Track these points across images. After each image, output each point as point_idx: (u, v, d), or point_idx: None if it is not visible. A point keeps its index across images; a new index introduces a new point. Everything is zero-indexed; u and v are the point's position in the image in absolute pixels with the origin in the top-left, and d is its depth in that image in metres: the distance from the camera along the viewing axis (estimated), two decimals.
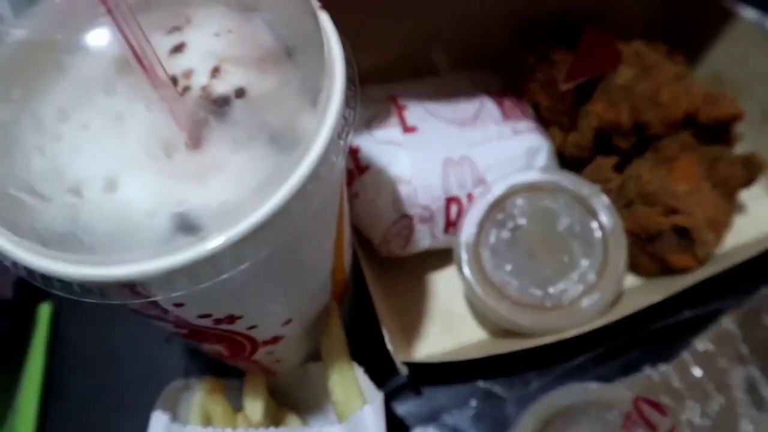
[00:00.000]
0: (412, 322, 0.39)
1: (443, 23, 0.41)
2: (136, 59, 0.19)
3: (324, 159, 0.23)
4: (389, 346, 0.32)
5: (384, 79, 0.41)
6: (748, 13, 0.43)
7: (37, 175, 0.19)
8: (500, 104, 0.40)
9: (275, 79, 0.24)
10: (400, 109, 0.38)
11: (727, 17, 0.41)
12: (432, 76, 0.43)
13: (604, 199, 0.36)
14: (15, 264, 0.22)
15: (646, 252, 0.37)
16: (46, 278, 0.21)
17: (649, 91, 0.37)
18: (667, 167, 0.37)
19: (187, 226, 0.21)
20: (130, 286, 0.22)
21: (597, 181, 0.38)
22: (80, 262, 0.21)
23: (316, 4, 0.25)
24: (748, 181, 0.38)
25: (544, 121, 0.41)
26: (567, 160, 0.41)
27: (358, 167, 0.37)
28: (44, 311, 0.42)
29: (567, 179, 0.37)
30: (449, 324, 0.39)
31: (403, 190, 0.36)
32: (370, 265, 0.37)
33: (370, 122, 0.38)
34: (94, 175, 0.19)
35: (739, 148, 0.41)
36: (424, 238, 0.38)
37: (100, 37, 0.20)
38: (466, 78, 0.42)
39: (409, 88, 0.40)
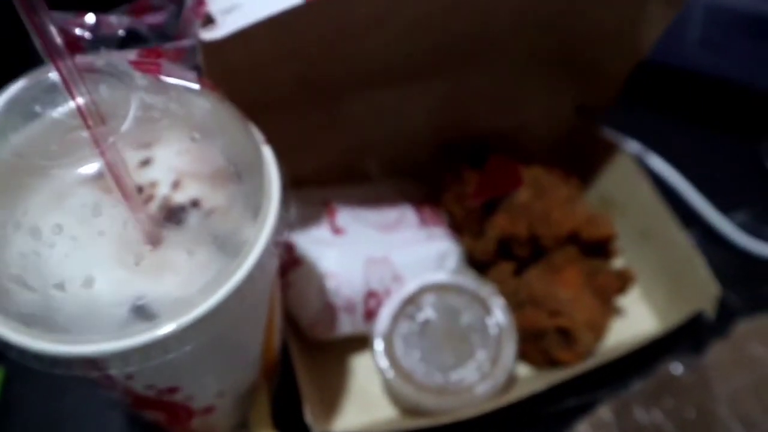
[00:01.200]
0: (332, 398, 0.45)
1: (376, 138, 0.48)
2: (119, 187, 0.25)
3: (258, 265, 0.29)
4: (308, 419, 0.38)
5: (321, 180, 0.48)
6: (631, 146, 0.52)
7: (31, 272, 0.24)
8: (419, 212, 0.47)
9: (224, 194, 0.29)
10: (331, 213, 0.45)
11: (612, 149, 0.50)
12: (363, 182, 0.50)
13: (500, 301, 0.43)
14: None
15: (535, 347, 0.44)
16: (22, 352, 0.27)
17: (543, 211, 0.45)
18: (555, 275, 0.44)
19: (144, 315, 0.27)
20: (92, 362, 0.27)
21: (497, 282, 0.45)
22: (53, 341, 0.26)
23: (260, 139, 0.32)
24: (621, 290, 0.45)
25: (457, 228, 0.48)
26: (475, 262, 0.48)
27: (292, 260, 0.43)
28: None
29: (470, 282, 0.44)
30: (365, 402, 0.44)
31: (329, 284, 0.42)
32: (298, 346, 0.42)
33: (305, 222, 0.44)
34: (77, 275, 0.25)
35: (620, 261, 0.49)
36: (346, 326, 0.44)
37: (91, 168, 0.26)
38: (392, 186, 0.49)
39: (341, 194, 0.47)
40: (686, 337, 0.46)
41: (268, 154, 0.32)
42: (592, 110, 0.50)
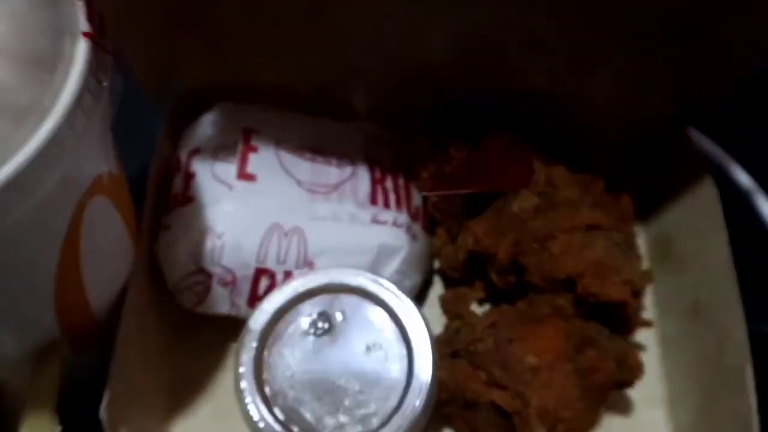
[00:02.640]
0: (187, 393, 0.38)
1: (368, 60, 0.39)
2: None
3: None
4: (103, 414, 0.31)
5: (282, 101, 0.40)
6: (741, 177, 0.39)
7: None
8: (378, 182, 0.38)
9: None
10: (248, 150, 0.36)
11: (701, 172, 0.38)
12: (328, 120, 0.41)
13: (428, 345, 0.33)
14: None
15: (462, 417, 0.34)
16: None
17: (541, 233, 0.34)
18: (528, 329, 0.34)
19: None
20: None
21: (447, 312, 0.36)
22: None
23: (83, 27, 0.27)
24: (620, 384, 0.34)
25: (433, 219, 0.39)
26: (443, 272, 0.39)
27: (184, 196, 0.36)
28: None
29: (400, 304, 0.33)
30: (224, 409, 0.36)
31: (210, 243, 0.34)
32: (154, 313, 0.36)
33: (217, 151, 0.37)
34: None
35: (651, 337, 0.38)
36: (222, 303, 0.36)
37: None
38: (362, 136, 0.40)
39: (279, 125, 0.38)
40: None
41: (81, 49, 0.27)
42: (693, 105, 0.38)
